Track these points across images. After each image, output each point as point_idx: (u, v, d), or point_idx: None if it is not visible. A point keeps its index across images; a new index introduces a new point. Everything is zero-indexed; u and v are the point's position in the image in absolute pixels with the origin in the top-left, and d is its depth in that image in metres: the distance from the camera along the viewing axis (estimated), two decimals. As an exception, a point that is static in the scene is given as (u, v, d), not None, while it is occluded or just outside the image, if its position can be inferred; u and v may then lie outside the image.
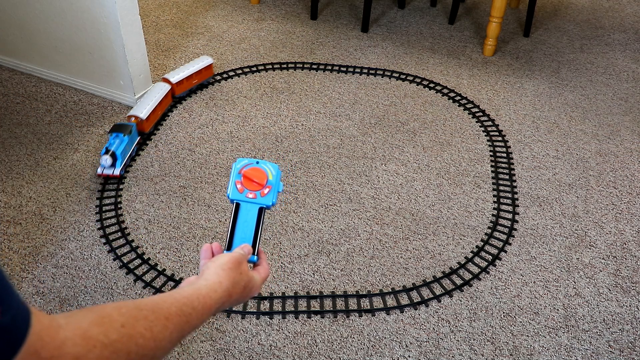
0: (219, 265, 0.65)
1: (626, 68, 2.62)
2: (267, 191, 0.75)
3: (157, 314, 0.54)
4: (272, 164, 0.77)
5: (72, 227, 1.71)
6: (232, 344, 1.40)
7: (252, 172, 0.75)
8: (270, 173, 0.76)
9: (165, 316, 0.55)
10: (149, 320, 0.53)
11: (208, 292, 0.61)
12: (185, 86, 2.26)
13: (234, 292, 0.64)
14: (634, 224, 1.80)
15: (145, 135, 2.06)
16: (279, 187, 0.76)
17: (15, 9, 2.20)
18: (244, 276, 0.67)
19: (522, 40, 2.81)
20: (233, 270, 0.65)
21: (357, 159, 2.01)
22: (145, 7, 2.97)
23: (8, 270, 1.57)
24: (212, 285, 0.62)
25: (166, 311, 0.55)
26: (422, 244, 1.70)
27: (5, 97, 2.26)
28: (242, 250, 0.71)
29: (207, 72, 2.33)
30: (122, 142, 1.86)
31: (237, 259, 0.67)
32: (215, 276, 0.63)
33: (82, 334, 0.46)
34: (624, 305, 1.54)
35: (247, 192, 0.75)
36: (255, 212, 0.74)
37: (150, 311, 0.54)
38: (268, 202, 0.75)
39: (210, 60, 2.31)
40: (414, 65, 2.56)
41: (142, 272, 1.58)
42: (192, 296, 0.59)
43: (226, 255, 0.68)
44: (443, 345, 1.42)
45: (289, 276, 1.58)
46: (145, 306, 0.54)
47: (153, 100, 2.07)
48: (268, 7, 3.04)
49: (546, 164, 2.03)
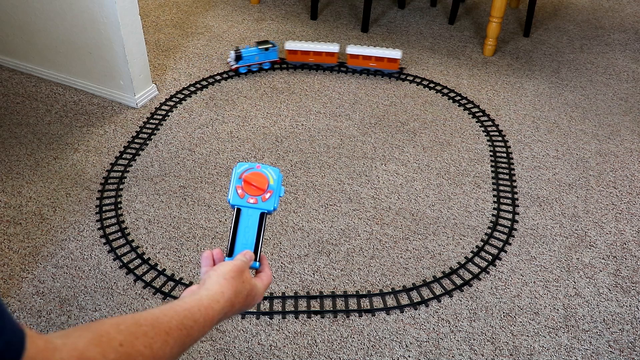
0: (221, 274, 0.64)
1: (626, 68, 2.62)
2: (268, 196, 0.74)
3: (157, 329, 0.52)
4: (273, 168, 0.76)
5: (72, 227, 1.71)
6: (232, 344, 1.40)
7: (253, 176, 0.74)
8: (272, 177, 0.75)
9: (165, 331, 0.53)
10: (149, 336, 0.51)
11: (210, 303, 0.60)
12: (359, 63, 2.43)
13: (236, 301, 0.63)
14: (634, 224, 1.80)
15: (285, 63, 2.48)
16: (280, 192, 0.75)
17: (15, 9, 2.20)
18: (246, 285, 0.66)
19: (522, 40, 2.81)
20: (235, 279, 0.64)
21: (357, 159, 2.01)
22: (145, 7, 2.97)
23: (8, 271, 1.57)
24: (214, 295, 0.61)
25: (166, 325, 0.54)
26: (422, 244, 1.70)
27: (5, 97, 2.26)
28: (244, 257, 0.70)
29: (391, 64, 2.41)
30: (253, 50, 2.38)
31: (239, 267, 0.66)
32: (217, 286, 0.62)
33: (79, 356, 0.45)
34: (624, 305, 1.54)
35: (248, 197, 0.74)
36: (257, 218, 0.73)
37: (150, 327, 0.52)
38: (269, 207, 0.74)
39: (398, 54, 2.38)
40: (414, 65, 2.56)
41: (142, 272, 1.58)
42: (194, 308, 0.58)
43: (228, 263, 0.67)
44: (443, 345, 1.42)
45: (289, 276, 1.58)
46: (145, 321, 0.52)
47: (314, 45, 2.41)
48: (268, 7, 3.04)
49: (546, 164, 2.03)
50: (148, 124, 2.13)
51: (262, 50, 2.40)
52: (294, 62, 2.49)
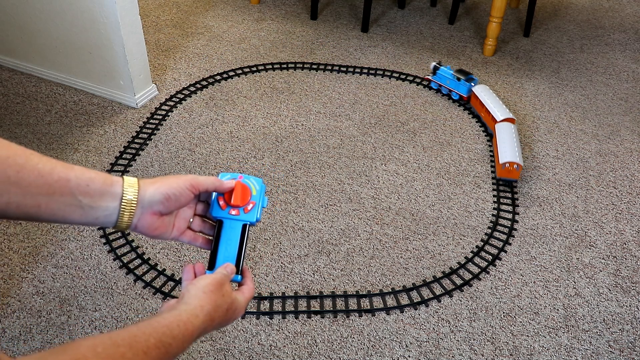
0: (200, 288, 0.62)
1: (626, 68, 2.62)
2: (250, 207, 0.72)
3: (135, 349, 0.51)
4: (256, 178, 0.74)
5: (72, 227, 1.71)
6: (232, 344, 1.40)
7: (235, 187, 0.72)
8: (254, 188, 0.73)
9: (143, 351, 0.52)
10: (127, 358, 0.50)
11: (189, 318, 0.58)
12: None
13: (216, 315, 0.62)
14: (634, 224, 1.80)
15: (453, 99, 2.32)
16: (263, 203, 0.73)
17: (15, 9, 2.20)
18: (226, 298, 0.64)
19: (522, 40, 2.81)
20: (215, 293, 0.63)
21: (357, 159, 2.01)
22: (145, 7, 2.97)
23: (8, 271, 1.57)
24: (192, 310, 0.59)
25: (144, 345, 0.52)
26: (422, 244, 1.70)
27: (5, 97, 2.26)
28: (225, 270, 0.68)
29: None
30: (447, 73, 2.28)
31: (219, 280, 0.65)
32: (196, 300, 0.61)
33: None
34: (624, 305, 1.54)
35: (230, 209, 0.71)
36: (239, 229, 0.71)
37: (128, 347, 0.51)
38: (252, 218, 0.71)
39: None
40: (414, 65, 2.56)
41: (142, 272, 1.58)
42: (172, 324, 0.56)
43: (208, 276, 0.65)
44: (443, 345, 1.42)
45: (289, 276, 1.58)
46: (122, 341, 0.51)
47: (491, 103, 2.13)
48: (268, 7, 3.04)
49: (546, 164, 2.03)
50: (148, 124, 2.13)
51: (455, 78, 2.26)
52: (473, 107, 2.26)
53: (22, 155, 0.57)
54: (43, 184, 0.57)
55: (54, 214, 0.59)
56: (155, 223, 0.67)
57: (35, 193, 0.57)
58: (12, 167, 0.55)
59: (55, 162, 0.59)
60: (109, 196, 0.62)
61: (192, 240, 0.73)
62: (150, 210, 0.65)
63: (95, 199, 0.61)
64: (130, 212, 0.63)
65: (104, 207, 0.62)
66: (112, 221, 0.63)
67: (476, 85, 2.24)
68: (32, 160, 0.57)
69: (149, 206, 0.65)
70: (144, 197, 0.64)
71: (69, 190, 0.59)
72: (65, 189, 0.59)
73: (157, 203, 0.65)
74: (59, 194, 0.58)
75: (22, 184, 0.56)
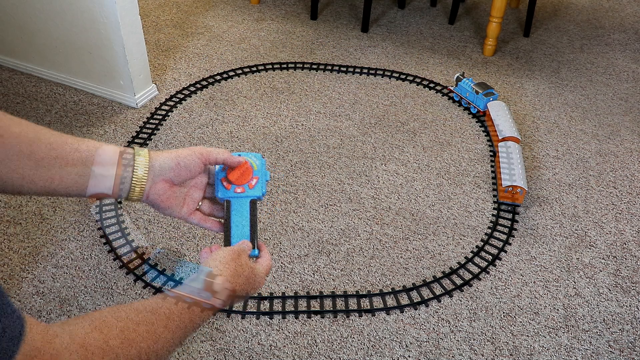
0: (217, 259, 0.63)
1: (626, 68, 2.62)
2: (254, 182, 0.73)
3: (158, 314, 0.52)
4: (255, 154, 0.75)
5: (72, 227, 1.71)
6: (232, 344, 1.40)
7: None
8: (255, 163, 0.74)
9: (166, 315, 0.53)
10: (149, 322, 0.51)
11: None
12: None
13: (236, 283, 0.62)
14: (634, 224, 1.80)
15: (469, 112, 2.27)
16: (266, 176, 0.74)
17: (15, 9, 2.20)
18: (245, 267, 0.64)
19: (522, 40, 2.81)
20: (233, 262, 0.63)
21: (357, 159, 2.01)
22: (145, 7, 2.97)
23: (8, 271, 1.57)
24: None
25: (167, 310, 0.53)
26: (422, 244, 1.70)
27: (5, 97, 2.26)
28: (242, 245, 0.69)
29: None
30: (467, 86, 2.23)
31: (236, 251, 0.65)
32: (216, 270, 0.61)
33: (80, 342, 0.45)
34: (624, 305, 1.54)
35: (235, 188, 0.72)
36: (247, 206, 0.72)
37: (150, 312, 0.52)
38: (258, 193, 0.73)
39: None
40: (414, 65, 2.56)
41: (142, 272, 1.58)
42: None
43: (224, 249, 0.66)
44: (443, 345, 1.42)
45: (289, 276, 1.58)
46: (145, 308, 0.52)
47: (500, 124, 2.04)
48: (268, 7, 3.04)
49: (546, 164, 2.03)
50: (148, 124, 2.13)
51: (474, 91, 2.20)
52: (486, 123, 2.19)
53: (33, 130, 0.57)
54: (56, 157, 0.58)
55: (68, 187, 0.59)
56: (167, 192, 0.67)
57: (48, 165, 0.57)
58: (24, 142, 0.56)
59: (65, 136, 0.60)
60: (121, 164, 0.62)
61: (202, 221, 0.73)
62: (162, 177, 0.66)
63: (107, 168, 0.61)
64: (142, 180, 0.64)
65: (117, 175, 0.62)
66: (125, 189, 0.63)
67: (493, 101, 2.17)
68: (43, 134, 0.58)
69: (160, 173, 0.65)
70: (155, 164, 0.65)
71: (80, 160, 0.59)
72: (77, 160, 0.59)
73: (168, 170, 0.66)
74: (72, 165, 0.59)
75: (35, 157, 0.56)
